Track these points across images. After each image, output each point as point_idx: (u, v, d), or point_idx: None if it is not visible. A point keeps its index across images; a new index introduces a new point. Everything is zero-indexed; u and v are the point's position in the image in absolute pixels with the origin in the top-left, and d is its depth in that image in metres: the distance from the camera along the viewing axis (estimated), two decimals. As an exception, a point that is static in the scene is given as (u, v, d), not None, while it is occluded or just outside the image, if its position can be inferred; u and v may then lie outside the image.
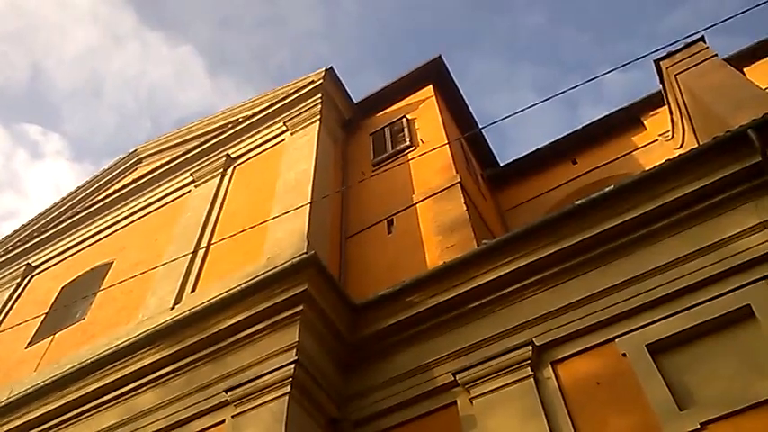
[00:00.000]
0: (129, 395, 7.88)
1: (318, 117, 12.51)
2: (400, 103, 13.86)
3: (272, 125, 13.14)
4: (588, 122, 13.84)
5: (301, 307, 7.25)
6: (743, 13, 6.17)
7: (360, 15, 48.82)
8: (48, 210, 15.89)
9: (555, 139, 14.05)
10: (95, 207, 14.42)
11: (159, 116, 52.28)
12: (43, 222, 15.53)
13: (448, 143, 11.25)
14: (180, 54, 51.89)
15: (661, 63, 11.41)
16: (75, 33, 48.96)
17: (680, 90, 10.97)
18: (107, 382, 8.04)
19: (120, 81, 49.43)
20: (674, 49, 11.08)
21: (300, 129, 12.45)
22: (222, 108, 14.91)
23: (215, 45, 50.38)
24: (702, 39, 10.92)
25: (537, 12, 46.82)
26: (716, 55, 10.75)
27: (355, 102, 14.21)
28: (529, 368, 6.39)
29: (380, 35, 49.52)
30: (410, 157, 11.84)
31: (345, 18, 49.70)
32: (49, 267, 14.00)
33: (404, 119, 13.10)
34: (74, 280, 12.68)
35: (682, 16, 42.02)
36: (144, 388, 7.82)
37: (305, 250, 8.30)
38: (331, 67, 13.46)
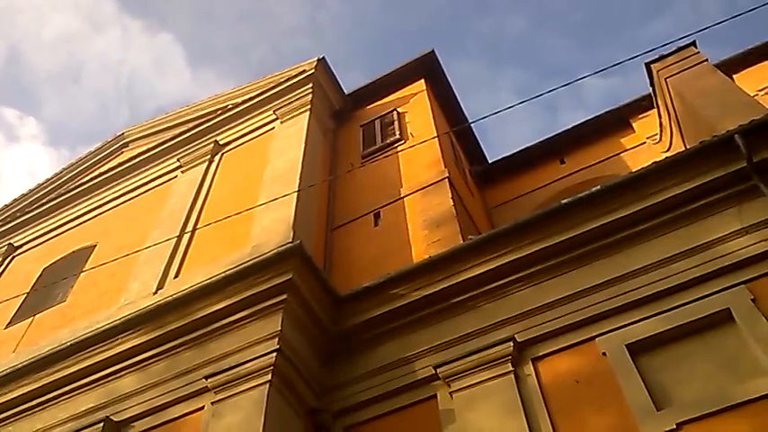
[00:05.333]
0: (109, 379, 7.83)
1: (309, 107, 12.46)
2: (391, 96, 13.83)
3: (261, 113, 13.07)
4: (578, 123, 13.93)
5: (285, 296, 7.23)
6: (737, 16, 6.21)
7: (343, 13, 48.67)
8: (32, 190, 15.71)
9: (544, 138, 14.13)
10: (80, 189, 14.29)
11: (138, 104, 51.68)
12: (27, 203, 15.34)
13: (437, 137, 11.25)
14: (160, 43, 51.35)
15: (652, 66, 11.47)
16: (55, 18, 48.27)
17: (669, 93, 11.04)
18: (87, 365, 7.98)
19: (99, 67, 48.94)
20: (665, 53, 11.16)
21: (290, 118, 12.39)
22: (203, 98, 14.79)
23: (196, 36, 49.98)
24: (694, 44, 10.99)
25: (520, 16, 47.10)
26: (706, 60, 10.82)
27: (347, 93, 14.16)
28: (509, 364, 6.42)
29: (363, 35, 49.50)
30: (399, 150, 11.84)
31: (328, 16, 49.54)
32: (32, 248, 13.85)
33: (394, 112, 13.08)
34: (56, 262, 12.58)
35: (662, 26, 42.46)
36: (124, 372, 7.77)
37: (290, 239, 8.30)
38: (323, 57, 13.40)
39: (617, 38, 43.89)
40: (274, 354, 6.69)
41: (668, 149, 11.76)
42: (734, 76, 11.64)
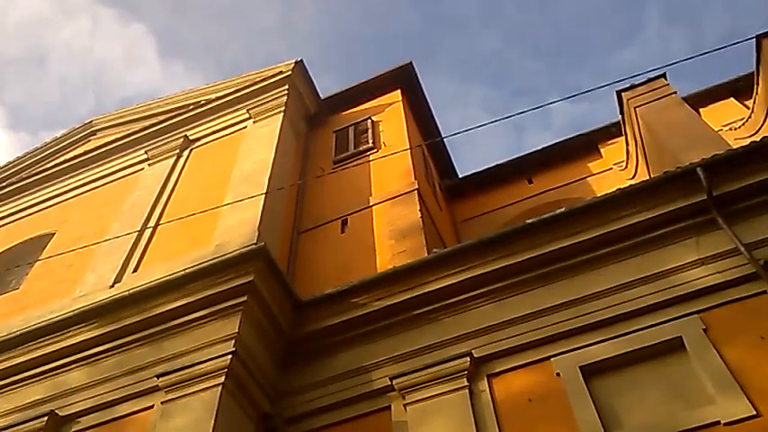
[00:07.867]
0: (58, 371, 7.64)
1: (283, 108, 12.40)
2: (367, 104, 13.86)
3: (234, 111, 12.97)
4: (548, 144, 14.21)
5: (245, 298, 7.16)
6: (708, 53, 6.39)
7: (317, 20, 48.69)
8: (-9, 173, 15.29)
9: (515, 156, 14.34)
10: (43, 175, 13.96)
11: (104, 93, 50.70)
12: (-15, 186, 14.92)
13: (410, 149, 11.29)
14: (131, 33, 50.45)
15: (623, 94, 11.74)
16: (24, 0, 47.19)
17: (638, 122, 11.30)
18: (36, 355, 7.78)
19: (67, 54, 47.88)
20: (636, 83, 11.44)
21: (263, 118, 12.32)
22: (172, 92, 14.62)
23: (169, 29, 49.25)
24: (664, 75, 11.29)
25: (493, 36, 47.84)
26: (675, 92, 11.12)
27: (322, 98, 14.13)
28: (465, 379, 6.45)
29: (337, 43, 49.64)
30: (371, 159, 11.85)
31: (303, 20, 49.53)
32: (-13, 232, 13.47)
33: (369, 120, 13.10)
34: (11, 248, 12.25)
35: (628, 56, 43.71)
36: (74, 366, 7.59)
37: (255, 241, 8.21)
38: (301, 60, 13.37)
39: (585, 64, 45.02)
40: (229, 356, 6.60)
41: (633, 177, 12.02)
42: (700, 110, 11.98)
